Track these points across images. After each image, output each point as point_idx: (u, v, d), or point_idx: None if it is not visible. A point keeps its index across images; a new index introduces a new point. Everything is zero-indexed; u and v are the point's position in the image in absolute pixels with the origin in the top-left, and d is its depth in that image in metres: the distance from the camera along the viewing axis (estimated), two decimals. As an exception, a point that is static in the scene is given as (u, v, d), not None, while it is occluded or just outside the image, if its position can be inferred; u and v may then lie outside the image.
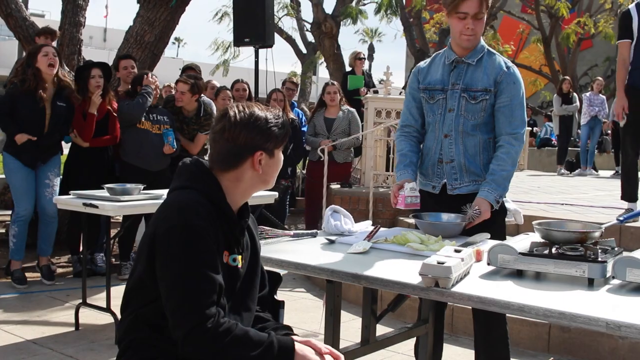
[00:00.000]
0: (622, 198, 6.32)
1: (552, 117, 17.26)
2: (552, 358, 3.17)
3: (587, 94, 14.25)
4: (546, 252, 2.70)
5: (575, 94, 15.12)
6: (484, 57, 3.68)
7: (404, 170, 3.79)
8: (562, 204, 7.88)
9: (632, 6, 5.95)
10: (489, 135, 3.70)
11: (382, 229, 3.57)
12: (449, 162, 3.70)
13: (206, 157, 2.58)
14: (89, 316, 5.45)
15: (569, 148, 15.47)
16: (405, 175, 3.75)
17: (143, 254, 2.36)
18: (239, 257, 2.47)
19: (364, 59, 11.72)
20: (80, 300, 5.42)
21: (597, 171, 14.48)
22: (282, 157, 2.55)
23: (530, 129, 18.28)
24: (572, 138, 16.17)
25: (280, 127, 2.48)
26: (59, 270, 7.10)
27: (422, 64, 3.96)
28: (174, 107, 7.28)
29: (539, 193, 9.47)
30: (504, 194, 3.61)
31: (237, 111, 2.43)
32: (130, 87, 7.01)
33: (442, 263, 2.48)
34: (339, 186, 8.31)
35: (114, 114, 6.97)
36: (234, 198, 2.47)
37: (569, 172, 14.60)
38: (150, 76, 6.85)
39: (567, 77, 16.41)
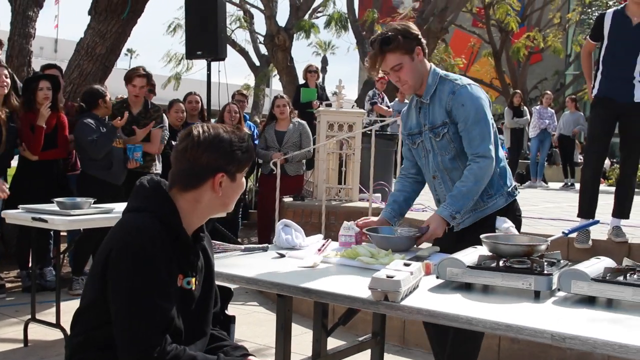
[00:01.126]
0: (579, 215, 6.06)
1: (502, 130, 17.48)
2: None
3: (537, 107, 14.48)
4: (494, 265, 2.73)
5: (525, 108, 15.33)
6: (437, 89, 3.59)
7: (385, 209, 3.82)
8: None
9: (609, 12, 5.89)
10: None
11: (332, 242, 3.59)
12: (445, 201, 3.60)
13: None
14: (38, 332, 5.36)
15: (520, 160, 15.68)
16: (383, 214, 3.78)
17: (96, 276, 2.34)
18: (193, 279, 2.45)
19: (317, 72, 11.75)
20: (29, 316, 5.33)
21: (546, 183, 14.71)
22: (244, 182, 2.54)
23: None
24: (522, 151, 16.39)
25: (244, 151, 2.47)
26: (8, 285, 6.98)
27: (404, 109, 3.92)
28: (121, 110, 7.17)
29: (490, 205, 9.57)
30: (462, 209, 3.49)
31: (201, 131, 2.42)
32: (80, 101, 6.95)
33: (392, 277, 2.51)
34: (291, 199, 8.32)
35: (64, 125, 6.89)
36: (191, 220, 2.45)
37: (519, 184, 14.77)
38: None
39: (518, 91, 16.63)
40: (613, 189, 6.13)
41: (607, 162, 22.76)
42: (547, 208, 8.69)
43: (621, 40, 5.72)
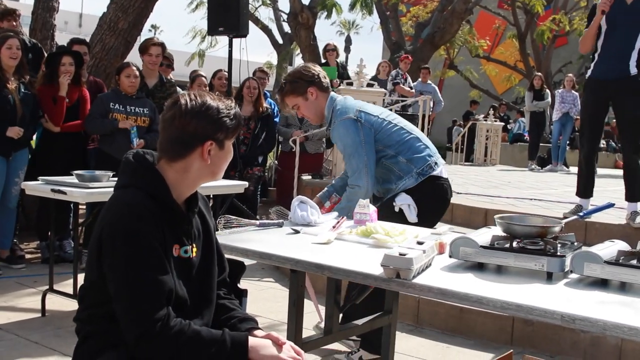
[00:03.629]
0: (577, 194, 6.35)
1: (524, 113, 17.39)
2: (511, 350, 3.20)
3: (559, 90, 14.34)
4: (507, 245, 2.73)
5: (547, 90, 15.23)
6: (331, 121, 4.20)
7: (322, 191, 4.54)
8: (531, 199, 7.95)
9: None
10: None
11: (347, 220, 3.60)
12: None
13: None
14: (55, 302, 5.42)
15: (541, 144, 15.60)
16: (319, 195, 4.48)
17: (93, 256, 2.35)
18: (190, 247, 2.46)
19: (335, 50, 11.72)
20: (47, 287, 5.40)
21: (568, 167, 14.61)
22: (232, 149, 2.52)
23: (503, 124, 18.40)
24: (544, 134, 16.30)
25: (232, 118, 2.44)
26: (27, 256, 7.06)
27: None
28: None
29: (509, 188, 9.56)
30: None
31: (188, 99, 2.40)
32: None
33: (404, 255, 2.51)
34: (310, 177, 8.33)
35: (86, 99, 6.94)
36: (180, 190, 2.44)
37: (540, 167, 14.72)
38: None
39: (539, 73, 16.53)
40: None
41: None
42: (566, 192, 8.64)
43: (619, 21, 5.84)
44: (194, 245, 2.48)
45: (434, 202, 4.18)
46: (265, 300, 5.90)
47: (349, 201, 3.99)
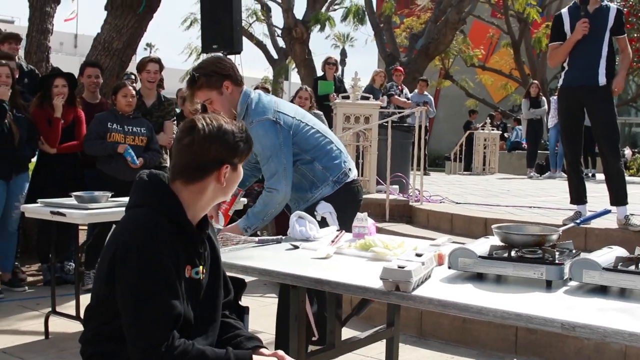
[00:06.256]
0: (571, 202, 6.41)
1: (521, 121, 17.42)
2: (515, 359, 3.21)
3: (555, 97, 14.34)
4: (505, 255, 2.74)
5: (544, 98, 15.25)
6: (245, 118, 3.99)
7: None
8: (530, 207, 7.96)
9: (564, 11, 6.16)
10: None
11: (346, 234, 3.61)
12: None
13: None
14: (58, 324, 5.43)
15: (539, 151, 15.60)
16: None
17: (102, 272, 2.36)
18: (201, 268, 2.47)
19: (335, 64, 11.73)
20: (50, 309, 5.40)
21: (566, 174, 14.61)
22: (242, 170, 2.56)
23: (500, 132, 18.43)
24: (542, 141, 16.30)
25: (245, 142, 2.49)
26: (30, 279, 7.07)
27: None
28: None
29: (508, 196, 9.56)
30: (253, 225, 3.92)
31: (205, 124, 2.42)
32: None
33: (403, 267, 2.52)
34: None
35: (81, 120, 6.96)
36: (195, 210, 2.46)
37: (538, 175, 14.72)
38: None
39: (535, 81, 16.57)
40: (638, 179, 6.22)
41: (628, 151, 22.67)
42: (564, 198, 8.63)
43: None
44: (204, 267, 2.50)
45: (349, 206, 4.09)
46: (267, 316, 5.87)
47: (265, 205, 3.93)
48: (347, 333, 3.70)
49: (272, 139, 3.92)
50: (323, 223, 3.90)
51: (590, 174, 13.95)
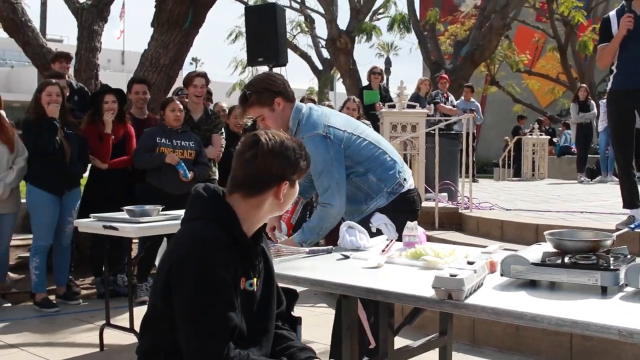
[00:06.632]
0: (624, 207, 6.32)
1: (570, 125, 17.21)
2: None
3: (604, 100, 14.16)
4: (559, 261, 2.71)
5: (592, 101, 15.07)
6: (296, 134, 3.96)
7: None
8: (582, 212, 7.86)
9: (612, 13, 6.11)
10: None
11: (396, 243, 3.60)
12: None
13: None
14: (113, 337, 5.50)
15: (590, 155, 15.41)
16: None
17: (159, 285, 2.39)
18: (255, 280, 2.49)
19: (381, 74, 11.71)
20: (104, 321, 5.48)
21: (618, 177, 14.39)
22: (298, 187, 2.60)
23: (549, 137, 18.22)
24: (592, 145, 16.10)
25: (304, 159, 2.54)
26: (84, 292, 7.18)
27: None
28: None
29: (559, 202, 9.45)
30: (308, 240, 3.90)
31: (268, 139, 2.46)
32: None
33: (455, 275, 2.51)
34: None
35: (131, 135, 7.07)
36: (250, 223, 2.49)
37: (589, 179, 14.53)
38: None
39: (584, 85, 16.38)
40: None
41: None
42: (617, 203, 8.51)
43: (632, 33, 5.88)
44: (258, 279, 2.52)
45: (405, 217, 3.97)
46: (319, 326, 5.89)
47: (320, 220, 3.90)
48: (399, 342, 3.69)
49: (323, 154, 3.90)
50: (378, 235, 3.87)
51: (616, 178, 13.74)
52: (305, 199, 4.39)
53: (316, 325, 5.91)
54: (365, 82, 12.49)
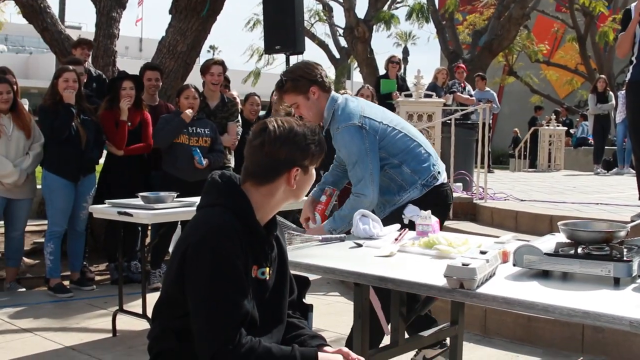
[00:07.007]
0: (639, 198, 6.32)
1: (587, 117, 17.12)
2: (581, 358, 3.16)
3: (622, 91, 14.07)
4: (572, 252, 2.69)
5: (611, 93, 14.97)
6: (331, 123, 4.04)
7: (314, 190, 4.36)
8: (597, 204, 7.82)
9: (634, 4, 6.05)
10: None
11: (409, 232, 3.60)
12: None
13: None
14: (126, 322, 5.54)
15: (606, 147, 15.32)
16: (312, 193, 4.34)
17: (172, 271, 2.40)
18: (267, 269, 2.49)
19: (399, 63, 11.66)
20: (117, 307, 5.52)
21: (634, 169, 14.29)
22: (314, 173, 2.58)
23: (565, 128, 18.13)
24: (609, 137, 16.01)
25: (317, 144, 2.51)
26: (97, 278, 7.23)
27: None
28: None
29: (575, 193, 9.41)
30: (339, 228, 3.91)
31: (276, 126, 2.46)
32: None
33: (467, 265, 2.50)
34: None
35: (147, 122, 7.08)
36: (264, 212, 2.49)
37: (606, 171, 14.45)
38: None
39: (602, 76, 16.28)
40: None
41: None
42: (633, 194, 8.47)
43: None
44: (270, 268, 2.52)
45: (438, 210, 3.97)
46: (331, 314, 5.91)
47: (352, 209, 3.87)
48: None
49: (358, 145, 3.92)
50: (411, 226, 3.86)
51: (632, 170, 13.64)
52: (339, 189, 4.38)
53: (328, 313, 5.94)
54: (382, 71, 12.45)
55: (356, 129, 3.93)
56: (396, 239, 3.41)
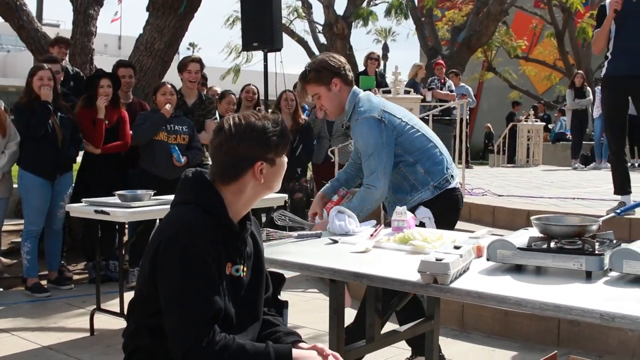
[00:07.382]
0: (615, 192, 6.39)
1: (565, 112, 17.21)
2: (555, 352, 3.18)
3: (600, 87, 14.16)
4: (544, 246, 2.71)
5: (588, 88, 15.06)
6: (352, 116, 4.11)
7: (326, 186, 4.40)
8: (574, 199, 7.88)
9: (608, 0, 6.10)
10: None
11: (385, 228, 3.61)
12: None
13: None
14: (103, 321, 5.52)
15: (584, 142, 15.41)
16: (323, 190, 4.37)
17: (145, 269, 2.40)
18: (242, 266, 2.49)
19: (378, 59, 11.68)
20: (95, 306, 5.49)
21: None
22: (285, 162, 2.56)
23: (544, 124, 18.22)
24: (587, 132, 16.10)
25: (279, 136, 2.48)
26: (76, 277, 7.19)
27: None
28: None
29: (552, 188, 9.47)
30: None
31: (232, 123, 2.44)
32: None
33: (440, 260, 2.51)
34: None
35: (125, 120, 7.05)
36: (236, 209, 2.48)
37: (583, 166, 14.54)
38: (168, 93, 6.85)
39: (580, 71, 16.36)
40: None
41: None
42: (610, 189, 8.53)
43: (628, 18, 5.95)
44: (245, 265, 2.52)
45: (448, 214, 4.09)
46: (309, 311, 5.92)
47: (363, 200, 3.93)
48: (386, 326, 3.69)
49: (375, 137, 3.95)
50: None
51: (636, 164, 13.73)
52: (349, 188, 4.37)
53: (306, 310, 5.94)
54: (361, 68, 12.46)
55: (375, 121, 3.97)
56: (371, 235, 3.42)
